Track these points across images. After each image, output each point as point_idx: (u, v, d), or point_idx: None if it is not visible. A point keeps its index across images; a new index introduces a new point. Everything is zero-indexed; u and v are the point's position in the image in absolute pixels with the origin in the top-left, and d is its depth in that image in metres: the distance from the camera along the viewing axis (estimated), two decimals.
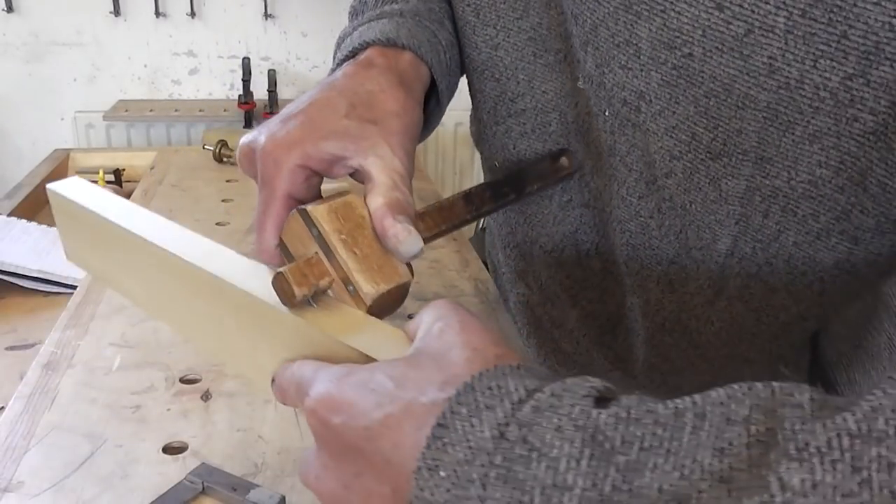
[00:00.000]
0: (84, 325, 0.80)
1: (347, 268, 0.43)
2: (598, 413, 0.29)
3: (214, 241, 0.50)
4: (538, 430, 0.29)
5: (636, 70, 0.47)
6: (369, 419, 0.33)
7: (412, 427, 0.32)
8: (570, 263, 0.61)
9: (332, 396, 0.35)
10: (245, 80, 2.39)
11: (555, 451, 0.28)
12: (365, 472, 0.34)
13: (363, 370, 0.35)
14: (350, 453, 0.34)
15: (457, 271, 0.97)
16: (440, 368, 0.34)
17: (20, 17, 2.38)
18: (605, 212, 0.56)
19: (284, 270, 0.42)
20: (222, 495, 0.57)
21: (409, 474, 0.31)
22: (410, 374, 0.34)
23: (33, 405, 0.67)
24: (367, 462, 0.33)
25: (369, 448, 0.33)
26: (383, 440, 0.32)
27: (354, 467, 0.34)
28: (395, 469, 0.32)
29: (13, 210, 1.27)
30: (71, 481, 0.58)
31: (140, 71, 2.49)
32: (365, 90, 0.48)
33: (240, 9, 2.48)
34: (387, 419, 0.32)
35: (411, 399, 0.32)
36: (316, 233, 0.43)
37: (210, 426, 0.65)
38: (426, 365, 0.34)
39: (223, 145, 1.40)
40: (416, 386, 0.33)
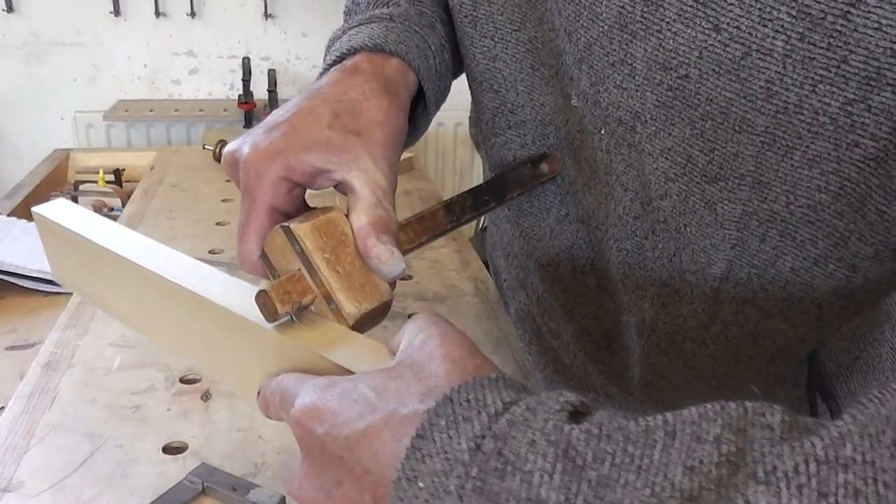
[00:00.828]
0: (84, 325, 0.80)
1: (330, 286, 0.43)
2: (571, 428, 0.29)
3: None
4: (513, 443, 0.29)
5: (631, 90, 0.46)
6: (351, 429, 0.34)
7: (392, 437, 0.32)
8: (565, 278, 0.60)
9: (316, 406, 0.36)
10: (245, 80, 2.39)
11: (528, 466, 0.28)
12: (346, 480, 0.34)
13: (346, 381, 0.36)
14: (332, 462, 0.35)
15: (457, 271, 0.97)
16: (420, 380, 0.34)
17: (20, 17, 2.38)
18: (601, 229, 0.56)
19: (267, 288, 0.42)
20: (222, 495, 0.57)
21: (389, 484, 0.31)
22: (391, 385, 0.34)
23: (33, 405, 0.67)
24: (347, 471, 0.34)
25: (350, 457, 0.33)
26: (363, 449, 0.33)
27: (336, 476, 0.35)
28: (375, 478, 0.32)
29: (13, 210, 1.27)
30: (71, 481, 0.58)
31: (140, 71, 2.49)
32: (349, 98, 0.48)
33: (240, 9, 2.48)
34: (368, 429, 0.33)
35: (392, 410, 0.33)
36: (299, 249, 0.43)
37: (210, 426, 0.65)
38: (407, 376, 0.35)
39: (223, 145, 1.40)
40: (396, 397, 0.34)
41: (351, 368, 0.39)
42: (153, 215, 1.12)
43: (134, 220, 1.10)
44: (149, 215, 1.12)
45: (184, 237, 1.04)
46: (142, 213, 1.13)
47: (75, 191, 1.34)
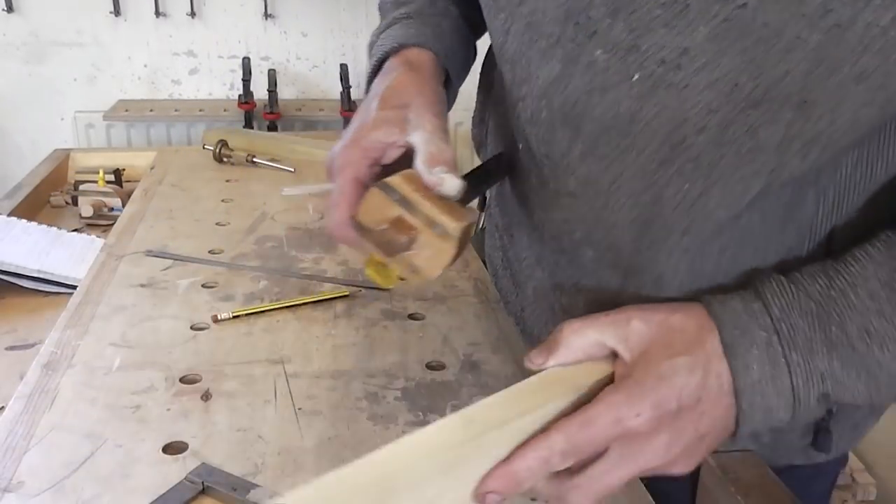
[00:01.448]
0: (84, 325, 0.81)
1: (433, 213, 0.51)
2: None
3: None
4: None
5: (681, 27, 0.47)
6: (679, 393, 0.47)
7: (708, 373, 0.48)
8: (568, 251, 0.61)
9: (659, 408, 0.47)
10: (245, 80, 2.39)
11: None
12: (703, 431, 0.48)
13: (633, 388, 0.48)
14: (683, 425, 0.48)
15: (457, 271, 0.97)
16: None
17: (20, 17, 2.38)
18: (599, 198, 0.55)
19: (371, 253, 0.53)
20: (222, 495, 0.57)
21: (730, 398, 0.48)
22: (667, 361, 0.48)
23: (33, 405, 0.67)
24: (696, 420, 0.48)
25: (696, 410, 0.48)
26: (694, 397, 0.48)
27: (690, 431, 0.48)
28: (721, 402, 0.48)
29: (13, 210, 1.27)
30: (71, 481, 0.58)
31: (140, 71, 2.49)
32: (389, 87, 0.59)
33: (240, 9, 2.48)
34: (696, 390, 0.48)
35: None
36: (397, 196, 0.51)
37: (210, 426, 0.65)
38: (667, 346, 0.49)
39: (223, 145, 1.40)
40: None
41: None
42: (153, 215, 1.12)
43: (134, 220, 1.10)
44: (149, 215, 1.12)
45: (184, 237, 1.04)
46: (142, 213, 1.14)
47: (75, 191, 1.34)
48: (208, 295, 0.88)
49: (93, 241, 1.18)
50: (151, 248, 1.00)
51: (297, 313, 0.84)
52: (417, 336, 0.81)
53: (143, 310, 0.84)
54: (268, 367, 0.74)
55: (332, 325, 0.82)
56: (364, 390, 0.71)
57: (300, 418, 0.66)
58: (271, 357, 0.76)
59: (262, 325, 0.82)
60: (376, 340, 0.80)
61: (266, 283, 0.91)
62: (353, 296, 0.89)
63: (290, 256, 0.99)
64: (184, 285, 0.90)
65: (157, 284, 0.90)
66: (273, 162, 1.37)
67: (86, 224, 1.29)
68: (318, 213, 1.15)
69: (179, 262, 0.96)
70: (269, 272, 0.94)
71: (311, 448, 0.63)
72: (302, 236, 1.06)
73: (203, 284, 0.90)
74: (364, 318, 0.84)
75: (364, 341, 0.79)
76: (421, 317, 0.85)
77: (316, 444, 0.63)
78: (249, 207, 1.17)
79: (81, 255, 1.12)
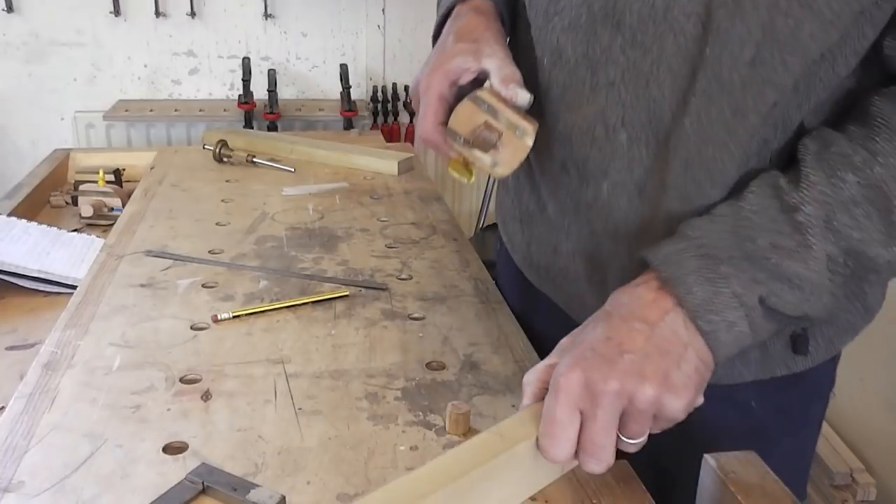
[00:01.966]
0: (84, 325, 0.81)
1: (515, 117, 0.65)
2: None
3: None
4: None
5: None
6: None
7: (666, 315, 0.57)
8: (600, 139, 0.68)
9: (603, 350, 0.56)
10: (245, 80, 2.39)
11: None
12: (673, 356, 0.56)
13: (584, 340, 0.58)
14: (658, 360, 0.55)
15: (457, 271, 0.97)
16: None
17: (20, 17, 2.38)
18: (640, 79, 0.63)
19: (453, 158, 0.69)
20: (222, 495, 0.57)
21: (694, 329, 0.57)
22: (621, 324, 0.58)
23: (33, 405, 0.67)
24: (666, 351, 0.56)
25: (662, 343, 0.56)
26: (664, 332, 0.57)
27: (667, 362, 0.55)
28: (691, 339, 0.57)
29: (13, 210, 1.27)
30: (71, 481, 0.58)
31: (140, 71, 2.49)
32: (461, 26, 0.71)
33: (240, 9, 2.48)
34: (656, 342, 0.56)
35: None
36: (486, 107, 0.65)
37: (210, 426, 0.65)
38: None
39: (223, 145, 1.40)
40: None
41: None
42: (153, 215, 1.12)
43: (134, 220, 1.10)
44: (149, 215, 1.12)
45: (184, 237, 1.04)
46: (142, 213, 1.14)
47: (75, 191, 1.34)
48: (208, 295, 0.88)
49: (93, 241, 1.18)
50: (151, 248, 1.00)
51: (297, 313, 0.84)
52: (417, 336, 0.81)
53: (143, 310, 0.84)
54: (268, 367, 0.74)
55: (332, 325, 0.82)
56: (364, 390, 0.71)
57: (300, 418, 0.66)
58: (271, 357, 0.76)
59: (262, 325, 0.82)
60: (376, 340, 0.80)
61: (266, 283, 0.91)
62: (353, 296, 0.89)
63: (290, 256, 0.99)
64: (184, 285, 0.90)
65: (157, 284, 0.90)
66: (273, 162, 1.37)
67: (86, 224, 1.29)
68: (318, 213, 1.15)
69: (179, 262, 0.96)
70: (269, 272, 0.94)
71: (311, 448, 0.63)
72: (302, 236, 1.06)
73: (203, 284, 0.90)
74: (364, 318, 0.84)
75: (364, 341, 0.79)
76: (421, 317, 0.85)
77: (316, 444, 0.63)
78: (249, 207, 1.17)
79: (81, 255, 1.12)
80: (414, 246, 1.05)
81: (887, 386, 1.77)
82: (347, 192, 1.27)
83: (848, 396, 1.88)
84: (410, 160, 1.41)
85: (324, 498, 0.57)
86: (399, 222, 1.13)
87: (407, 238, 1.07)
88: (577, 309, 0.77)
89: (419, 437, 0.64)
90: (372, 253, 1.02)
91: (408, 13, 2.54)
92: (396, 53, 2.59)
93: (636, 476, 0.62)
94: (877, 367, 1.79)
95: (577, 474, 0.62)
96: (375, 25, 2.56)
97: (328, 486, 0.58)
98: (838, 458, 1.78)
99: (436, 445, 0.63)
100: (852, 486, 1.74)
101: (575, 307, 0.78)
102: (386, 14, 2.55)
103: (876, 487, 1.73)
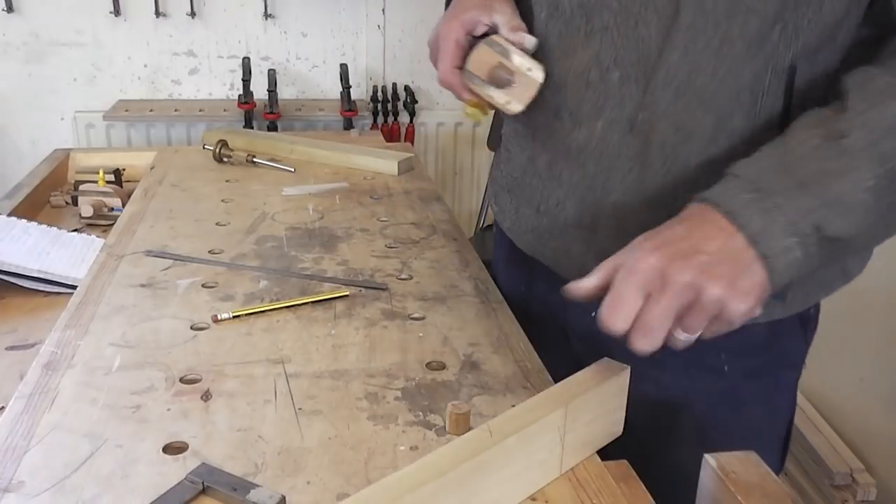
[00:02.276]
0: (84, 325, 0.81)
1: (525, 58, 0.74)
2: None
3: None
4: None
5: None
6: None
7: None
8: (594, 81, 0.73)
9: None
10: (245, 80, 2.39)
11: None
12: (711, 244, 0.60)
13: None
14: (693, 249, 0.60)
15: (457, 271, 0.97)
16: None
17: (20, 17, 2.38)
18: (629, 20, 0.69)
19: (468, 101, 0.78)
20: (222, 495, 0.57)
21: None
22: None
23: (33, 405, 0.67)
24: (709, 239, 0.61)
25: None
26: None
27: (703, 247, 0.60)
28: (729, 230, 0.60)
29: (13, 210, 1.27)
30: (71, 481, 0.58)
31: (140, 71, 2.49)
32: None
33: (240, 9, 2.48)
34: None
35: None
36: (499, 49, 0.74)
37: (210, 426, 0.65)
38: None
39: (223, 145, 1.40)
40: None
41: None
42: (153, 215, 1.12)
43: (134, 220, 1.10)
44: (149, 215, 1.12)
45: (184, 237, 1.04)
46: (142, 213, 1.14)
47: (75, 191, 1.34)
48: (208, 295, 0.88)
49: (93, 241, 1.18)
50: (151, 248, 1.00)
51: (297, 313, 0.84)
52: (417, 336, 0.81)
53: (143, 310, 0.84)
54: (268, 367, 0.74)
55: (332, 325, 0.82)
56: (364, 390, 0.71)
57: (300, 418, 0.66)
58: (271, 357, 0.76)
59: (262, 325, 0.82)
60: (376, 340, 0.80)
61: (266, 283, 0.91)
62: (353, 296, 0.89)
63: (290, 256, 0.99)
64: (184, 285, 0.90)
65: (157, 284, 0.90)
66: (273, 162, 1.37)
67: (86, 224, 1.29)
68: (318, 213, 1.15)
69: (179, 262, 0.96)
70: (269, 272, 0.94)
71: (311, 448, 0.63)
72: (302, 236, 1.06)
73: (203, 284, 0.90)
74: (364, 318, 0.84)
75: (364, 341, 0.79)
76: (421, 317, 0.85)
77: (316, 444, 0.63)
78: (249, 207, 1.17)
79: (81, 255, 1.12)
80: (414, 246, 1.05)
81: (887, 386, 1.77)
82: (347, 192, 1.27)
83: (848, 396, 1.88)
84: (410, 160, 1.41)
85: (324, 498, 0.57)
86: (399, 222, 1.13)
87: (407, 238, 1.07)
88: (564, 264, 0.81)
89: (419, 437, 0.64)
90: (372, 253, 1.02)
91: (408, 13, 2.54)
92: (396, 53, 2.59)
93: (636, 476, 0.62)
94: (877, 367, 1.79)
95: (577, 474, 0.62)
96: (375, 25, 2.56)
97: (328, 487, 0.58)
98: (838, 458, 1.78)
99: (436, 445, 0.63)
100: (852, 486, 1.74)
101: (563, 263, 0.82)
102: (386, 14, 2.55)
103: (876, 487, 1.73)
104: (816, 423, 1.90)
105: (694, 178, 0.70)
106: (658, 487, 0.63)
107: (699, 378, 0.79)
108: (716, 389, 0.79)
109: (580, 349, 0.87)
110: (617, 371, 0.65)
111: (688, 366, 0.75)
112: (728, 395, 0.80)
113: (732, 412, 0.80)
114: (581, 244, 0.78)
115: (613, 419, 0.66)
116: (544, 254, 0.85)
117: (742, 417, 0.80)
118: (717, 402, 0.80)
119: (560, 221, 0.80)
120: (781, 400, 0.85)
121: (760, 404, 0.81)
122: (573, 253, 0.79)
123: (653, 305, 0.59)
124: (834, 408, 1.94)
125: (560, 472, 0.61)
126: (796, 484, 1.85)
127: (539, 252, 0.85)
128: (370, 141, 1.68)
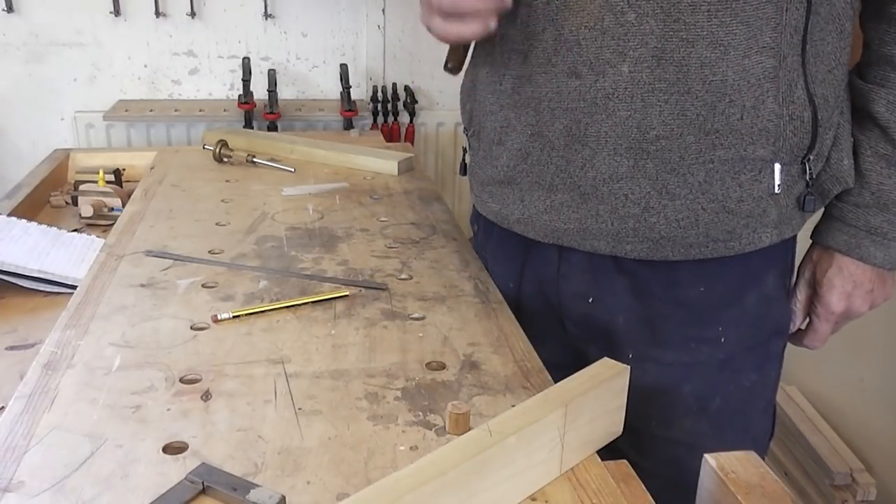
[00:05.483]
0: (84, 325, 0.81)
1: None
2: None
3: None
4: None
5: None
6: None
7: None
8: (611, 27, 0.75)
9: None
10: (245, 80, 2.39)
11: None
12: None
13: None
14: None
15: (457, 271, 0.97)
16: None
17: (20, 17, 2.38)
18: None
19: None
20: (222, 495, 0.57)
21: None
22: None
23: (33, 405, 0.67)
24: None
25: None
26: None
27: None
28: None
29: (13, 210, 1.27)
30: (71, 481, 0.58)
31: (140, 71, 2.49)
32: None
33: (240, 9, 2.48)
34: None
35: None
36: None
37: (210, 426, 0.65)
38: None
39: (223, 145, 1.40)
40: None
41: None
42: (153, 215, 1.12)
43: (134, 220, 1.10)
44: (149, 215, 1.12)
45: (184, 237, 1.04)
46: (142, 213, 1.14)
47: (75, 191, 1.34)
48: (208, 295, 0.88)
49: (93, 241, 1.18)
50: (151, 248, 1.00)
51: (297, 313, 0.84)
52: (417, 336, 0.81)
53: (143, 310, 0.84)
54: (268, 367, 0.74)
55: (332, 325, 0.82)
56: (364, 390, 0.71)
57: (300, 418, 0.66)
58: (271, 357, 0.76)
59: (262, 325, 0.82)
60: (376, 340, 0.80)
61: (266, 283, 0.91)
62: (353, 296, 0.89)
63: (290, 256, 0.99)
64: (184, 285, 0.90)
65: (157, 284, 0.90)
66: (273, 162, 1.37)
67: (86, 224, 1.29)
68: (319, 213, 1.15)
69: (179, 262, 0.96)
70: (269, 272, 0.94)
71: (311, 448, 0.63)
72: (302, 236, 1.06)
73: (203, 284, 0.90)
74: (364, 318, 0.84)
75: (364, 341, 0.79)
76: (421, 317, 0.85)
77: (316, 444, 0.63)
78: (249, 207, 1.17)
79: (81, 255, 1.12)
80: (414, 246, 1.05)
81: (887, 386, 1.77)
82: (347, 192, 1.27)
83: (848, 396, 1.88)
84: (410, 160, 1.41)
85: (324, 498, 0.57)
86: (399, 222, 1.13)
87: (407, 238, 1.07)
88: (594, 229, 0.83)
89: (419, 437, 0.64)
90: (372, 253, 1.02)
91: (408, 13, 2.54)
92: (396, 53, 2.59)
93: (636, 476, 0.62)
94: (877, 367, 1.79)
95: (577, 474, 0.62)
96: (375, 25, 2.56)
97: (328, 487, 0.58)
98: (838, 458, 1.78)
99: (436, 446, 0.63)
100: (852, 486, 1.74)
101: (592, 228, 0.83)
102: (386, 14, 2.55)
103: (876, 487, 1.73)
104: (816, 423, 1.90)
105: (732, 92, 0.74)
106: (660, 458, 0.64)
107: (698, 350, 0.85)
108: (714, 360, 0.86)
109: (576, 333, 0.91)
110: (617, 371, 0.65)
111: (687, 340, 0.84)
112: (725, 364, 0.86)
113: (731, 379, 0.87)
114: (618, 196, 0.80)
115: (613, 419, 0.67)
116: (567, 229, 0.85)
117: (739, 382, 0.88)
118: (716, 371, 0.86)
119: (589, 180, 0.80)
120: (771, 367, 0.91)
121: (754, 371, 0.88)
122: (602, 212, 0.81)
123: (836, 328, 0.90)
124: (834, 408, 1.94)
125: (560, 472, 0.61)
126: (796, 484, 1.85)
127: (559, 230, 0.85)
128: (370, 141, 1.68)
